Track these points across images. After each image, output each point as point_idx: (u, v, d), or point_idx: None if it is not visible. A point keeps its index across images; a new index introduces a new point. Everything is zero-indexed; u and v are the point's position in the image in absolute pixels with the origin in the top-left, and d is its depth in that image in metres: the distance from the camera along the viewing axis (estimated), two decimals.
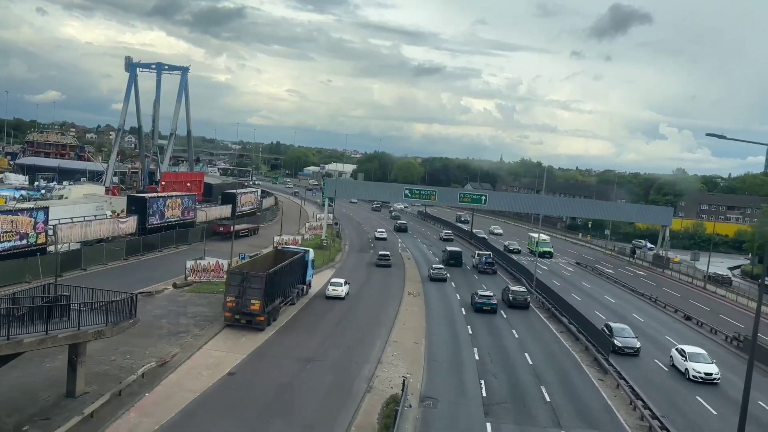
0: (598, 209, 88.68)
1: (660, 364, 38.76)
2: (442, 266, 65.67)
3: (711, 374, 34.97)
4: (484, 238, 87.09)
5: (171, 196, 75.80)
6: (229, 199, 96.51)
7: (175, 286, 49.72)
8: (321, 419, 26.22)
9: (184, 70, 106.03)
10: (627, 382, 31.95)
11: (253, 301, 37.88)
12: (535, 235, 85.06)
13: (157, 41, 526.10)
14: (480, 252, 73.30)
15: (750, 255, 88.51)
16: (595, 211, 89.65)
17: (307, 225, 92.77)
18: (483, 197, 79.39)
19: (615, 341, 39.43)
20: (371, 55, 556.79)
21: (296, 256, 46.80)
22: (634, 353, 39.33)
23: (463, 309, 49.98)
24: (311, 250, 52.30)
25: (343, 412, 26.98)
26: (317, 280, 56.72)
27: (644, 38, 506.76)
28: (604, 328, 41.21)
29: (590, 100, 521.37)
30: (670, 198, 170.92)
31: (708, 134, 22.31)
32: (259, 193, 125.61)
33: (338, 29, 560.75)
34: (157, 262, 61.29)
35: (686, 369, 35.73)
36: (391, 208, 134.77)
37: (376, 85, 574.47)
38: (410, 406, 28.10)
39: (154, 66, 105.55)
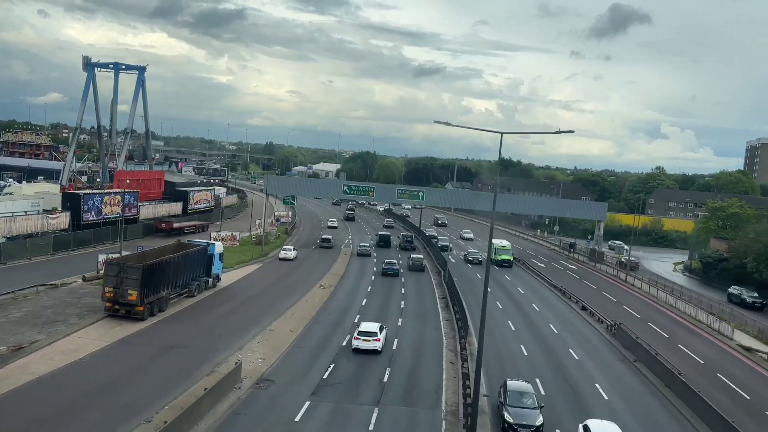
0: (535, 205, 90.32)
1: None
2: (367, 245, 78.19)
3: None
4: (436, 238, 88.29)
5: (109, 193, 77.10)
6: (181, 197, 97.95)
7: (84, 279, 50.82)
8: (144, 397, 27.40)
9: (141, 70, 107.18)
10: (467, 363, 33.12)
11: (130, 292, 38.99)
12: (496, 241, 78.60)
13: (158, 43, 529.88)
14: (404, 234, 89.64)
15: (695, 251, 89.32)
16: (531, 206, 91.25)
17: (257, 222, 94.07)
18: (420, 193, 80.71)
19: (505, 414, 26.89)
20: (372, 56, 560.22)
21: (194, 249, 47.94)
22: None
23: (374, 273, 64.04)
24: (218, 244, 53.38)
25: (170, 393, 28.10)
26: (235, 274, 58.22)
27: (644, 39, 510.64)
28: (500, 390, 29.23)
29: (591, 100, 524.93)
30: (640, 195, 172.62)
31: (436, 121, 23.32)
32: (222, 191, 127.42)
33: (339, 30, 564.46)
34: (86, 257, 62.12)
35: None
36: (349, 203, 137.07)
37: (377, 86, 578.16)
38: (239, 387, 29.34)
39: (111, 66, 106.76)
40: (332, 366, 33.59)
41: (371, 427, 26.18)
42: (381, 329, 37.53)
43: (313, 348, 36.91)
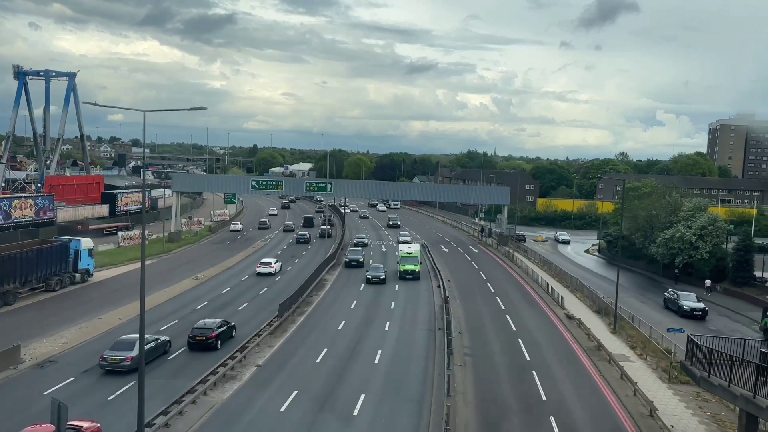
0: (439, 192, 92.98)
1: None
2: (291, 223, 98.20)
3: None
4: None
5: (18, 197, 78.94)
6: (108, 199, 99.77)
7: None
8: None
9: (71, 76, 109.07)
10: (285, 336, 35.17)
11: None
12: (403, 246, 64.18)
13: (150, 50, 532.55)
14: (324, 214, 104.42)
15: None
16: (436, 193, 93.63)
17: (183, 221, 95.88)
18: (328, 185, 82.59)
19: None
20: (365, 55, 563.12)
21: (51, 245, 49.82)
22: None
23: (287, 243, 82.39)
24: (84, 240, 54.96)
25: None
26: (119, 270, 60.03)
27: (634, 27, 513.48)
28: None
29: (585, 90, 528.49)
30: (594, 181, 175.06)
31: (84, 102, 25.09)
32: (167, 192, 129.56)
33: (331, 30, 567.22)
34: None
35: None
36: (289, 197, 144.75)
37: (371, 85, 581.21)
38: (15, 368, 31.21)
39: (42, 73, 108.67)
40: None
41: (111, 398, 27.96)
42: (276, 261, 61.40)
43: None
